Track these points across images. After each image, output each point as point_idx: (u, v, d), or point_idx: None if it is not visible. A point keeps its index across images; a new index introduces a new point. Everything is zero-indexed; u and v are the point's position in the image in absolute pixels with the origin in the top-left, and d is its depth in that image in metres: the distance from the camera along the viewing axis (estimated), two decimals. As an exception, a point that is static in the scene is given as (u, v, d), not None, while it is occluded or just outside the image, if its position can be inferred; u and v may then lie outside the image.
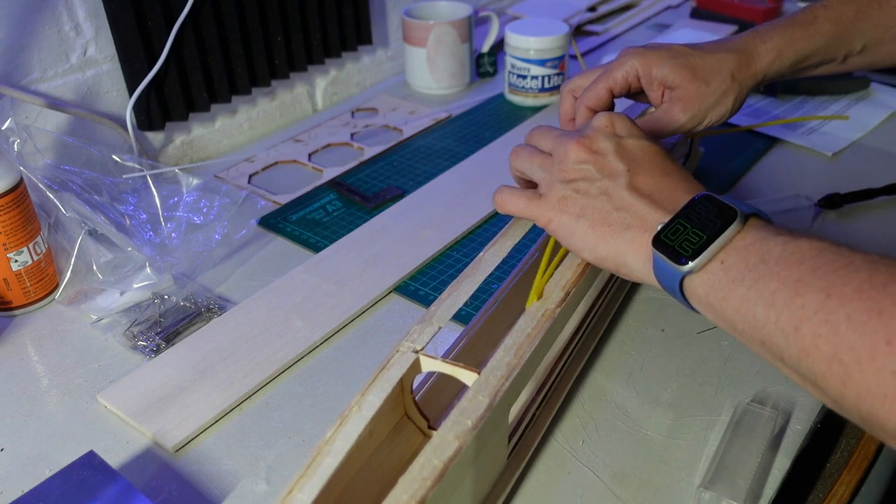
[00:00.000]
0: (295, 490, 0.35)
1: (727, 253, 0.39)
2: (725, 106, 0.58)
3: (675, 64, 0.57)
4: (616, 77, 0.59)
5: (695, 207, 0.41)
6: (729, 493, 0.43)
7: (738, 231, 0.39)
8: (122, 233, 0.65)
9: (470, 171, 0.80)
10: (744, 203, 0.41)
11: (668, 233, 0.41)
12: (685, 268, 0.39)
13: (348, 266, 0.65)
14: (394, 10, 1.04)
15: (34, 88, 0.72)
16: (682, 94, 0.57)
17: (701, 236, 0.39)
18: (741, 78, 0.58)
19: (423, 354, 0.43)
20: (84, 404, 0.53)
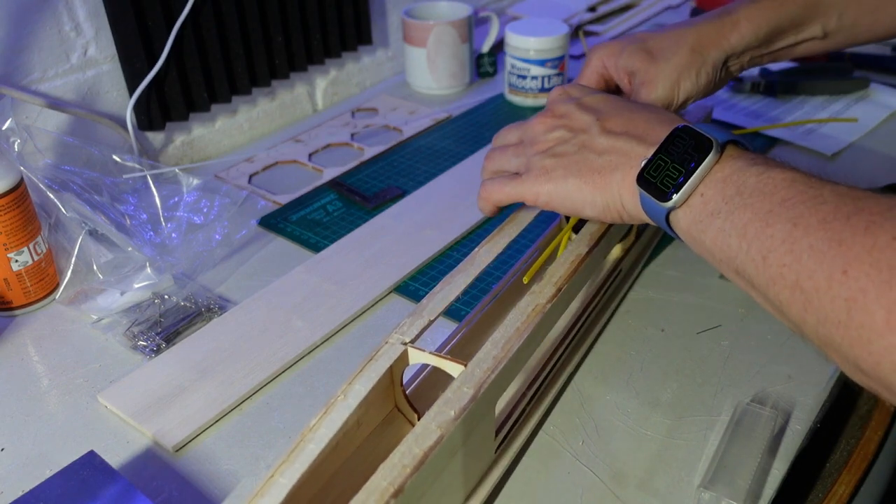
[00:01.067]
0: (276, 475, 0.36)
1: (706, 185, 0.40)
2: (690, 80, 0.58)
3: (633, 49, 0.58)
4: (590, 78, 0.60)
5: (674, 140, 0.42)
6: (729, 493, 0.43)
7: (715, 162, 0.40)
8: (122, 233, 0.65)
9: (470, 171, 0.80)
10: (721, 131, 0.41)
11: (650, 169, 0.42)
12: (668, 204, 0.41)
13: (348, 266, 0.65)
14: (394, 10, 1.04)
15: (34, 88, 0.72)
16: (643, 78, 0.57)
17: (680, 170, 0.41)
18: (703, 50, 0.57)
19: (411, 346, 0.43)
20: (84, 404, 0.53)
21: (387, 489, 0.34)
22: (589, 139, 0.47)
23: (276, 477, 0.36)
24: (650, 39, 0.58)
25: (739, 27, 0.58)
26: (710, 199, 0.39)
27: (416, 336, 0.44)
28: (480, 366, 0.41)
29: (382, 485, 0.34)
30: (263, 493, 0.35)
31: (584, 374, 0.54)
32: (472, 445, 0.41)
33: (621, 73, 0.59)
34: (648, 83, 0.57)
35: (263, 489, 0.35)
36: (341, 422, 0.38)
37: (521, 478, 0.46)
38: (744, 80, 0.95)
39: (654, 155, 0.42)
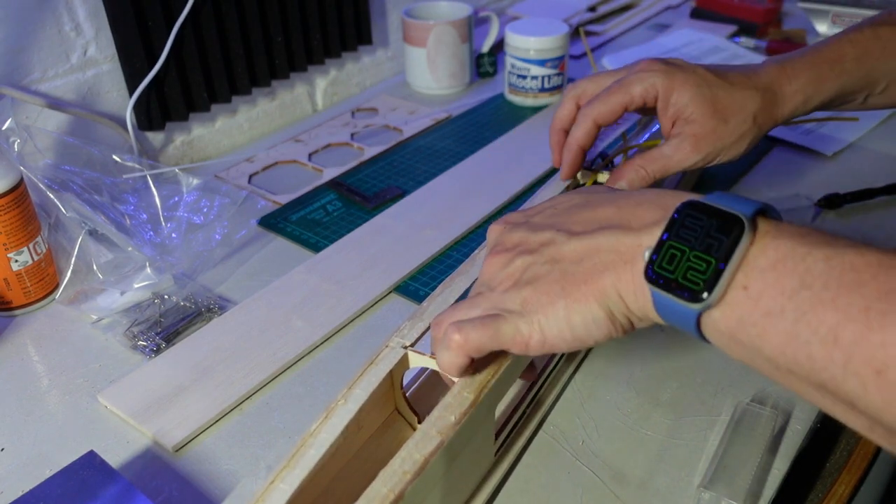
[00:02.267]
0: (277, 481, 0.36)
1: (749, 276, 0.32)
2: (740, 148, 0.55)
3: (696, 94, 0.53)
4: (634, 93, 0.54)
5: (683, 222, 0.34)
6: (728, 493, 0.43)
7: (749, 243, 0.32)
8: (122, 233, 0.65)
9: (470, 171, 0.80)
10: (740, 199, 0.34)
11: (662, 262, 0.34)
12: (699, 305, 0.32)
13: (348, 266, 0.65)
14: (394, 10, 1.04)
15: (34, 88, 0.72)
16: (696, 130, 0.53)
17: (708, 261, 0.32)
18: (762, 121, 0.54)
19: (411, 350, 0.43)
20: (84, 404, 0.53)
21: (387, 496, 0.34)
22: (557, 250, 0.38)
23: (276, 482, 0.36)
24: (717, 87, 0.53)
25: (795, 100, 0.55)
26: (760, 294, 0.31)
27: (416, 339, 0.43)
28: (480, 370, 0.41)
29: (383, 491, 0.34)
30: (264, 498, 0.35)
31: (584, 374, 0.54)
32: (472, 449, 0.41)
33: (671, 111, 0.54)
34: (701, 139, 0.53)
35: (264, 495, 0.35)
36: (342, 427, 0.38)
37: (522, 478, 0.46)
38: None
39: (662, 241, 0.34)
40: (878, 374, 0.27)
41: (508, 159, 0.82)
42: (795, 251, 0.31)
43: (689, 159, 0.54)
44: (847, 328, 0.28)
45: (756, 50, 1.07)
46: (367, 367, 0.42)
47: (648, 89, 0.54)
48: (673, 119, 0.54)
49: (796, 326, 0.30)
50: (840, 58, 0.56)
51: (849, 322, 0.28)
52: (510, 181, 0.77)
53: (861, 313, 0.28)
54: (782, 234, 0.32)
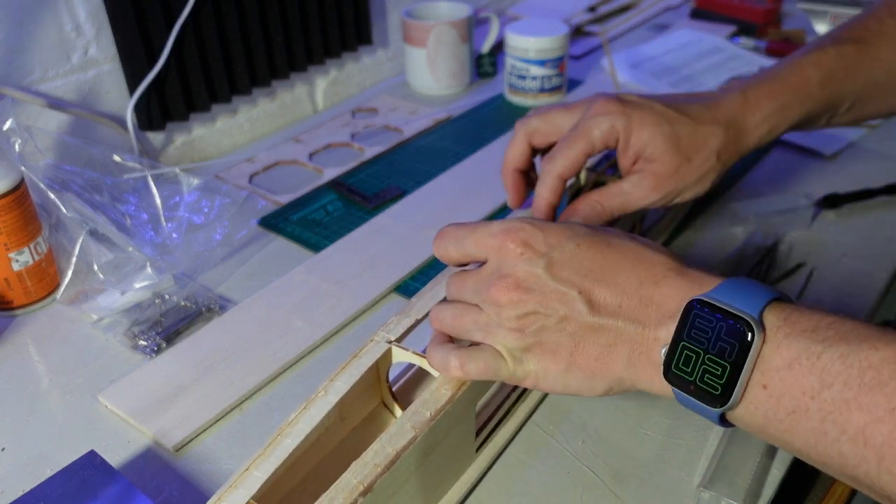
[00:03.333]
0: (252, 468, 0.37)
1: (766, 376, 0.32)
2: (703, 186, 0.52)
3: (657, 132, 0.50)
4: (594, 139, 0.51)
5: (694, 322, 0.34)
6: (728, 492, 0.43)
7: (762, 343, 0.32)
8: (122, 233, 0.65)
9: (470, 171, 0.80)
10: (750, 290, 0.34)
11: (679, 363, 0.34)
12: (720, 409, 0.33)
13: (348, 266, 0.65)
14: (394, 11, 1.04)
15: (35, 89, 0.72)
16: (658, 169, 0.51)
17: (723, 365, 0.33)
18: (726, 157, 0.52)
19: (395, 345, 0.43)
20: (85, 404, 0.53)
21: (356, 487, 0.35)
22: (573, 316, 0.37)
23: (251, 469, 0.37)
24: (678, 124, 0.50)
25: (759, 130, 0.53)
26: (780, 394, 0.31)
27: (401, 335, 0.44)
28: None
29: (353, 482, 0.35)
30: (237, 484, 0.36)
31: (583, 374, 0.54)
32: (449, 445, 0.41)
33: (631, 151, 0.51)
34: (662, 178, 0.51)
35: (238, 481, 0.36)
36: (319, 418, 0.39)
37: (521, 477, 0.46)
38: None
39: (675, 342, 0.34)
40: None
41: (508, 159, 0.82)
42: (810, 350, 0.31)
43: (648, 198, 0.52)
44: (876, 429, 0.28)
45: (756, 50, 1.07)
46: (350, 361, 0.43)
47: (608, 132, 0.51)
48: (633, 158, 0.52)
49: (823, 425, 0.30)
50: (804, 82, 0.54)
51: (877, 423, 0.28)
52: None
53: (888, 414, 0.28)
54: (794, 330, 0.32)
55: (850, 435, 0.29)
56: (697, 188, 0.52)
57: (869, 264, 0.64)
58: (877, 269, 0.63)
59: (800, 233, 0.68)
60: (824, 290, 0.61)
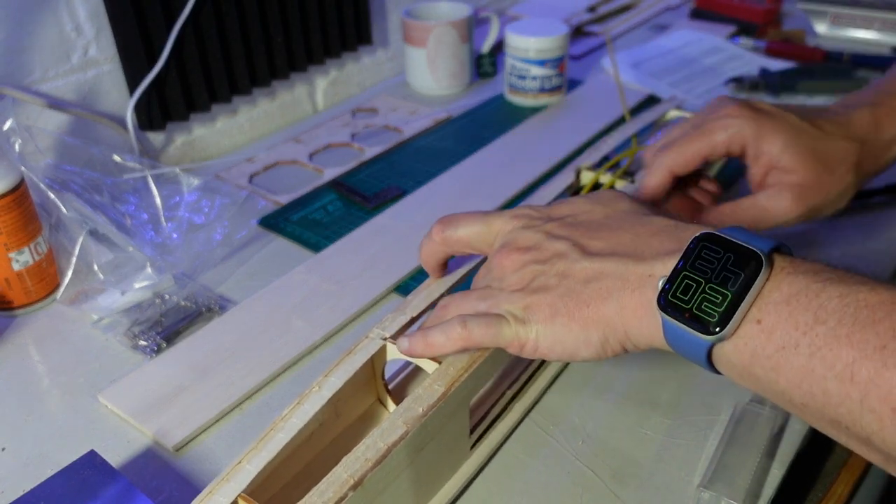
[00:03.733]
0: (244, 462, 0.37)
1: (762, 310, 0.32)
2: (842, 202, 0.50)
3: (790, 143, 0.48)
4: (716, 141, 0.50)
5: (699, 253, 0.34)
6: (728, 492, 0.43)
7: (766, 279, 0.32)
8: (122, 233, 0.65)
9: (470, 171, 0.80)
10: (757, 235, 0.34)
11: (676, 292, 0.34)
12: (712, 337, 0.33)
13: (348, 266, 0.65)
14: (394, 11, 1.04)
15: (35, 89, 0.72)
16: (798, 180, 0.49)
17: (724, 294, 0.32)
18: (863, 173, 0.50)
19: (390, 342, 0.43)
20: (85, 404, 0.53)
21: (347, 481, 0.35)
22: (568, 266, 0.38)
23: (243, 463, 0.37)
24: (813, 138, 0.49)
25: (892, 149, 0.51)
26: (774, 328, 0.31)
27: (396, 332, 0.44)
28: (455, 364, 0.41)
29: (343, 476, 0.35)
30: (229, 478, 0.36)
31: (584, 374, 0.54)
32: (442, 442, 0.41)
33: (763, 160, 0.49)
34: (805, 189, 0.48)
35: (229, 475, 0.36)
36: (312, 413, 0.39)
37: (521, 477, 0.46)
38: (744, 80, 0.95)
39: (677, 271, 0.34)
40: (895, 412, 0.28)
41: (508, 159, 0.82)
42: (810, 287, 0.31)
43: (789, 212, 0.50)
44: (863, 366, 0.28)
45: (755, 50, 1.07)
46: (344, 357, 0.43)
47: (734, 137, 0.49)
48: (766, 168, 0.50)
49: (811, 361, 0.30)
50: None
51: (865, 360, 0.28)
52: (510, 181, 0.78)
53: (877, 352, 0.28)
54: (797, 270, 0.32)
55: (836, 371, 0.29)
56: (838, 204, 0.50)
57: (869, 264, 0.64)
58: (877, 269, 0.63)
59: (799, 233, 0.68)
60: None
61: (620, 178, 0.60)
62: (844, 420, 0.30)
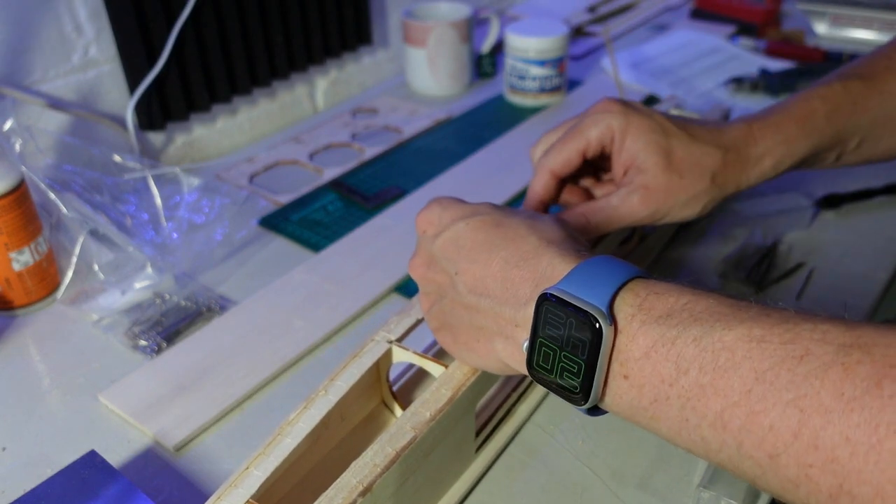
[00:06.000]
0: (251, 467, 0.37)
1: (625, 366, 0.31)
2: (694, 209, 0.50)
3: (650, 141, 0.48)
4: (590, 137, 0.50)
5: (546, 318, 0.32)
6: (728, 492, 0.43)
7: (613, 337, 0.31)
8: (123, 233, 0.65)
9: (470, 171, 0.80)
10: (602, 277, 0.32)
11: (539, 359, 0.33)
12: (584, 406, 0.32)
13: (348, 266, 0.65)
14: (394, 11, 1.04)
15: (36, 89, 0.72)
16: (647, 182, 0.49)
17: (578, 363, 0.32)
18: (722, 182, 0.50)
19: (396, 345, 0.43)
20: (85, 404, 0.53)
21: (356, 487, 0.35)
22: (456, 299, 0.39)
23: (251, 469, 0.37)
24: (675, 137, 0.49)
25: (762, 163, 0.51)
26: (641, 384, 0.30)
27: (402, 335, 0.44)
28: (461, 368, 0.41)
29: (352, 482, 0.35)
30: (237, 483, 0.36)
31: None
32: (449, 445, 0.41)
33: (624, 156, 0.50)
34: (651, 192, 0.49)
35: (237, 480, 0.36)
36: (319, 417, 0.39)
37: (521, 477, 0.46)
38: (744, 80, 0.95)
39: (532, 340, 0.33)
40: (772, 459, 0.26)
41: (508, 159, 0.82)
42: (665, 336, 0.30)
43: (635, 213, 0.49)
44: (733, 414, 0.27)
45: (755, 50, 1.07)
46: (350, 360, 0.43)
47: (605, 132, 0.50)
48: (625, 166, 0.50)
49: (684, 412, 0.29)
50: (809, 115, 0.52)
51: (733, 407, 0.27)
52: (510, 181, 0.78)
53: (743, 397, 0.27)
54: (649, 317, 0.31)
55: (709, 421, 0.28)
56: (686, 210, 0.50)
57: (869, 264, 0.64)
58: (877, 269, 0.63)
59: (800, 233, 0.68)
60: (824, 290, 0.61)
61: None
62: (728, 465, 0.29)
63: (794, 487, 0.26)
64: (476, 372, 0.41)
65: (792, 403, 0.25)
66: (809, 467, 0.25)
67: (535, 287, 0.35)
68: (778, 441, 0.26)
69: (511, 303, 0.35)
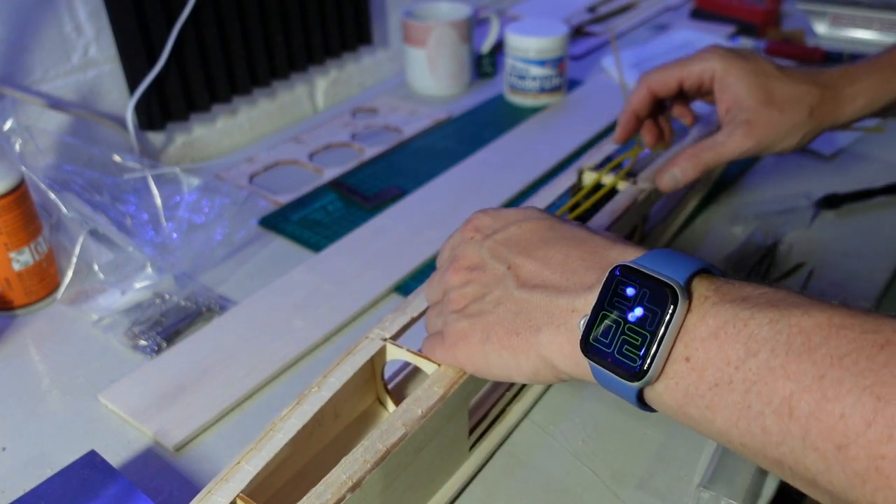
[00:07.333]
0: (243, 462, 0.37)
1: (689, 347, 0.30)
2: (793, 140, 0.54)
3: (752, 82, 0.53)
4: (692, 70, 0.56)
5: (616, 289, 0.32)
6: (728, 492, 0.43)
7: (686, 313, 0.30)
8: (123, 233, 0.65)
9: (470, 171, 0.80)
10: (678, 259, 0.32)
11: (597, 334, 0.32)
12: (638, 383, 0.31)
13: (348, 266, 0.65)
14: (394, 11, 1.04)
15: (36, 89, 0.72)
16: (749, 117, 0.53)
17: (643, 335, 0.31)
18: (820, 116, 0.54)
19: (390, 342, 0.43)
20: (85, 404, 0.53)
21: (345, 483, 0.35)
22: (505, 294, 0.38)
23: (242, 464, 0.37)
24: (774, 79, 0.54)
25: (857, 102, 0.55)
26: (704, 365, 0.29)
27: (396, 332, 0.44)
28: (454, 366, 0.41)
29: (342, 478, 0.35)
30: (228, 478, 0.36)
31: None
32: (441, 443, 0.41)
33: (726, 95, 0.54)
34: (753, 126, 0.53)
35: (228, 475, 0.36)
36: (312, 413, 0.39)
37: (521, 477, 0.46)
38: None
39: (595, 311, 0.32)
40: (840, 450, 0.25)
41: (508, 159, 0.82)
42: (738, 316, 0.29)
43: (741, 146, 0.54)
44: (802, 399, 0.26)
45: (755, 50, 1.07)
46: (344, 357, 0.43)
47: (706, 69, 0.55)
48: (727, 105, 0.55)
49: (747, 397, 0.28)
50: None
51: (803, 392, 0.26)
52: (510, 181, 0.78)
53: (815, 382, 0.26)
54: (723, 299, 0.30)
55: (774, 406, 0.27)
56: (786, 142, 0.54)
57: (869, 264, 0.64)
58: (877, 268, 0.63)
59: (800, 233, 0.68)
60: (824, 289, 0.61)
61: (623, 178, 0.60)
62: (787, 460, 0.27)
63: (862, 483, 0.25)
64: None
65: (868, 390, 0.24)
66: (881, 459, 0.24)
67: (602, 273, 0.34)
68: (849, 430, 0.25)
69: (571, 291, 0.35)
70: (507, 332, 0.37)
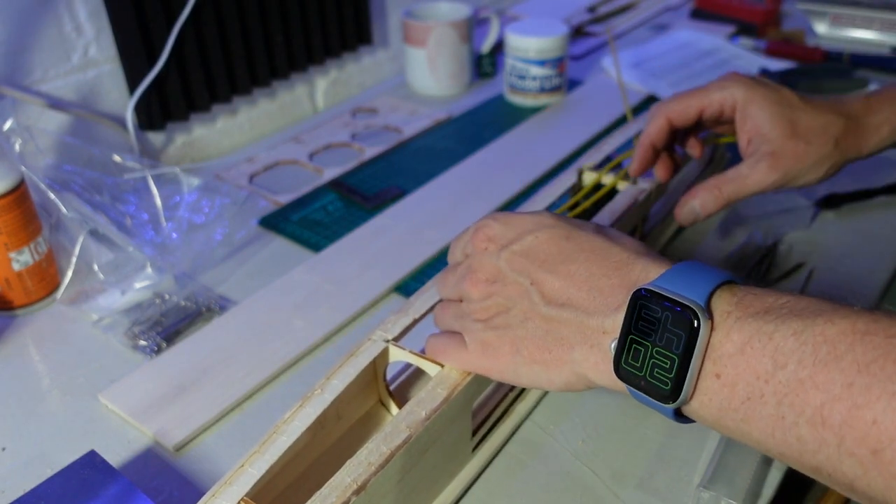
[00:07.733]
0: (247, 465, 0.37)
1: (718, 364, 0.30)
2: (819, 172, 0.53)
3: (776, 112, 0.52)
4: (713, 99, 0.54)
5: (640, 314, 0.32)
6: (728, 492, 0.43)
7: (710, 331, 0.31)
8: (123, 233, 0.65)
9: (470, 171, 0.80)
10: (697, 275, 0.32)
11: (628, 358, 0.33)
12: (672, 404, 0.32)
13: (348, 266, 0.65)
14: (394, 11, 1.04)
15: (36, 89, 0.72)
16: (774, 149, 0.52)
17: (671, 358, 0.31)
18: (845, 147, 0.53)
19: (392, 344, 0.43)
20: (85, 404, 0.53)
21: (350, 486, 0.35)
22: (531, 310, 0.37)
23: (246, 467, 0.37)
24: (798, 110, 0.52)
25: (881, 131, 0.54)
26: (734, 381, 0.30)
27: (399, 334, 0.44)
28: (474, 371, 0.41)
29: (346, 481, 0.35)
30: (231, 481, 0.36)
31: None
32: (444, 445, 0.41)
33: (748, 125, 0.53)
34: (778, 158, 0.52)
35: (232, 478, 0.36)
36: (315, 415, 0.39)
37: (521, 477, 0.46)
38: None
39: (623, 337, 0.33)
40: (876, 455, 0.25)
41: (508, 159, 0.82)
42: (762, 330, 0.29)
43: (766, 179, 0.52)
44: (834, 408, 0.26)
45: (755, 50, 1.07)
46: (347, 359, 0.43)
47: (727, 97, 0.54)
48: (749, 135, 0.53)
49: (780, 409, 0.28)
50: None
51: (834, 402, 0.26)
52: (510, 181, 0.78)
53: (845, 390, 0.26)
54: (745, 312, 0.30)
55: (807, 417, 0.27)
56: (812, 174, 0.53)
57: (869, 264, 0.64)
58: (877, 269, 0.63)
59: (800, 233, 0.68)
60: (824, 290, 0.61)
61: (623, 178, 0.60)
62: (825, 467, 0.28)
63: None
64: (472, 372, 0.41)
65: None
66: None
67: (627, 293, 0.34)
68: (882, 434, 0.25)
69: (600, 312, 0.35)
70: (538, 347, 0.37)
